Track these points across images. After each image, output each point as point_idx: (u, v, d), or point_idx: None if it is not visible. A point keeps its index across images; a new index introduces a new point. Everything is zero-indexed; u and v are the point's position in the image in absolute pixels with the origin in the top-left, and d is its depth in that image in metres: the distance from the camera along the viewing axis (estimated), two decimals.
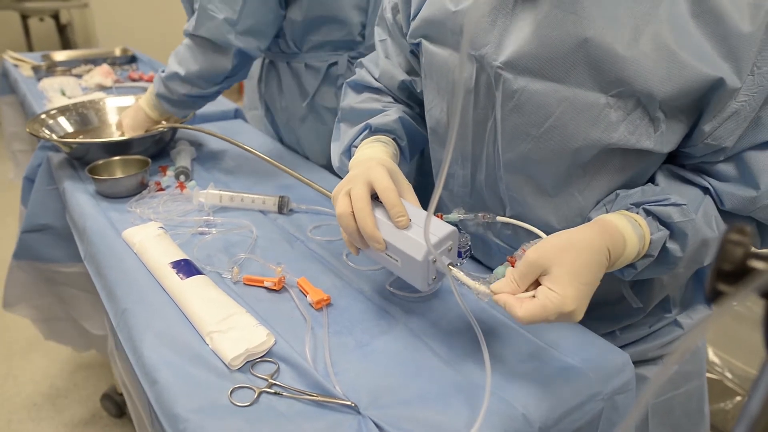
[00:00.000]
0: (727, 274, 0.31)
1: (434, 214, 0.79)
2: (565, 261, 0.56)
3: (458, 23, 0.69)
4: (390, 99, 0.89)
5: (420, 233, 0.64)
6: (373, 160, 0.70)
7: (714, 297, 0.32)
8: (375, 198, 0.68)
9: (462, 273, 0.62)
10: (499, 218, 0.76)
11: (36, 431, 1.71)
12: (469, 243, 0.76)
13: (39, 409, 1.79)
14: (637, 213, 0.64)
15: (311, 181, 0.92)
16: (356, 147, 0.82)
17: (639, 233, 0.62)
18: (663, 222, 0.64)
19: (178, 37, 1.19)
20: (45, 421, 1.75)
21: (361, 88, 0.91)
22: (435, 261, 0.64)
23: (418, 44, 0.78)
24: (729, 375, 1.68)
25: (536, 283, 0.58)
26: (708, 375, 1.70)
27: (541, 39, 0.61)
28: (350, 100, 0.90)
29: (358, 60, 0.94)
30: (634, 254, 0.62)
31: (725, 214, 0.66)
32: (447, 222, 0.70)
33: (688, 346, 0.27)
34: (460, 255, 0.71)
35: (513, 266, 0.68)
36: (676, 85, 0.57)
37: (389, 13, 0.84)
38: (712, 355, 1.73)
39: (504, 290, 0.58)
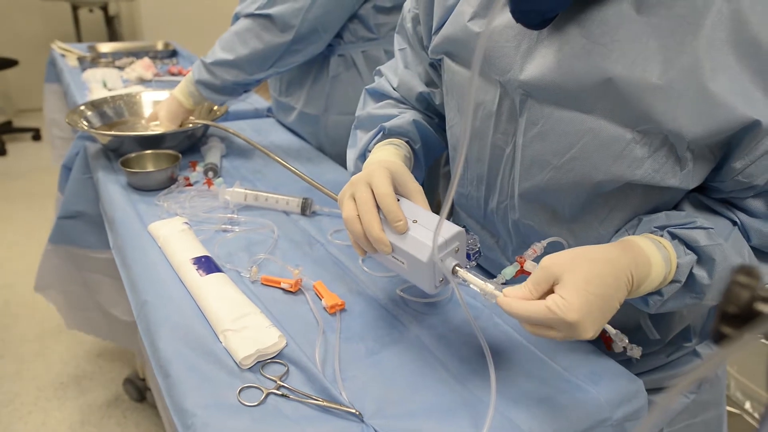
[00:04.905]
0: (732, 317, 0.31)
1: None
2: (577, 269, 0.54)
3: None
4: (408, 107, 0.88)
5: (425, 234, 0.63)
6: (378, 164, 0.69)
7: (718, 339, 0.31)
8: None
9: (469, 274, 0.61)
10: None
11: (61, 409, 1.78)
12: (479, 245, 0.74)
13: (65, 388, 1.86)
14: (662, 236, 0.62)
15: (323, 187, 0.92)
16: (370, 151, 0.82)
17: (665, 256, 0.60)
18: (689, 246, 0.61)
19: (221, 32, 1.22)
20: (70, 400, 1.81)
21: (379, 96, 0.91)
22: (442, 261, 0.62)
23: (440, 59, 0.78)
24: (750, 410, 1.62)
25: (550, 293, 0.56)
26: (730, 409, 1.64)
27: (566, 68, 0.60)
28: (368, 107, 0.90)
29: (377, 68, 0.94)
30: (660, 278, 0.60)
31: (751, 249, 0.63)
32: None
33: (682, 388, 0.27)
34: (468, 257, 0.70)
35: (522, 266, 0.67)
36: (706, 126, 0.55)
37: (409, 23, 0.83)
38: (734, 389, 1.67)
39: (516, 294, 0.56)
